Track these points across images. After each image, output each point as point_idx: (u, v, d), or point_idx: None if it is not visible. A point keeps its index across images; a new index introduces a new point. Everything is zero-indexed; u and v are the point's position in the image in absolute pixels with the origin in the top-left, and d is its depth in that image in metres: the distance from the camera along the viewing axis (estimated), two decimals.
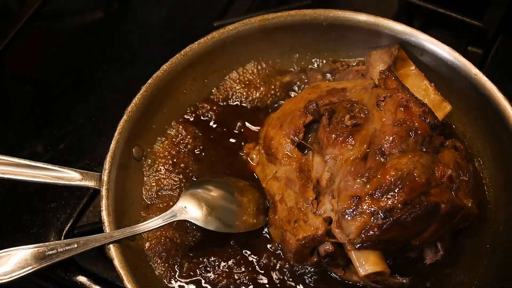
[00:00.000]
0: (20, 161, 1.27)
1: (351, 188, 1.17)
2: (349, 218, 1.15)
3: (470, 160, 1.38)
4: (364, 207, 1.14)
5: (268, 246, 1.33)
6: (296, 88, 1.55)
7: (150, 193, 1.41)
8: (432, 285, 1.29)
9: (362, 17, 1.47)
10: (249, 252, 1.33)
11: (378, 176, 1.15)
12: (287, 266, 1.31)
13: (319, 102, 1.33)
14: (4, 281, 1.13)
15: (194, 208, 1.29)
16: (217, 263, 1.32)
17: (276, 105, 1.52)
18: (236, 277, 1.30)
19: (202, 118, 1.51)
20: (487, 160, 1.42)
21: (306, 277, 1.30)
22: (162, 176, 1.43)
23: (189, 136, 1.49)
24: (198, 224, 1.28)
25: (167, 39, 1.82)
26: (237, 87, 1.55)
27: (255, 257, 1.32)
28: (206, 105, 1.52)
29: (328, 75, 1.56)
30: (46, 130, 1.67)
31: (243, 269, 1.31)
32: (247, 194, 1.35)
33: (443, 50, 1.42)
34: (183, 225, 1.36)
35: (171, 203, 1.38)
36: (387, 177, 1.14)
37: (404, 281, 1.24)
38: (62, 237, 1.46)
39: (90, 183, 1.29)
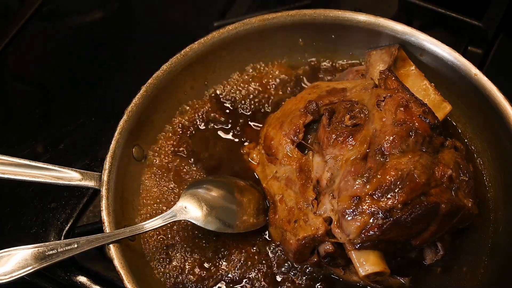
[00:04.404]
0: (20, 161, 1.27)
1: (351, 188, 1.17)
2: (349, 218, 1.15)
3: (470, 160, 1.38)
4: (364, 207, 1.14)
5: (268, 246, 1.34)
6: (297, 88, 1.55)
7: (150, 193, 1.41)
8: (431, 285, 1.29)
9: (362, 17, 1.47)
10: (249, 252, 1.33)
11: (378, 176, 1.15)
12: (287, 265, 1.31)
13: (319, 102, 1.33)
14: (4, 281, 1.13)
15: (194, 208, 1.29)
16: (217, 263, 1.32)
17: (276, 105, 1.52)
18: (236, 277, 1.30)
19: (202, 118, 1.51)
20: (487, 160, 1.42)
21: (306, 276, 1.30)
22: (162, 176, 1.43)
23: (189, 136, 1.49)
24: (198, 224, 1.28)
25: (167, 39, 1.82)
26: (237, 87, 1.55)
27: (255, 257, 1.32)
28: (206, 105, 1.52)
29: (328, 75, 1.57)
30: (46, 130, 1.66)
31: (243, 269, 1.31)
32: (247, 194, 1.35)
33: (443, 50, 1.42)
34: (183, 225, 1.36)
35: (171, 203, 1.38)
36: (387, 177, 1.14)
37: (404, 281, 1.24)
38: (62, 237, 1.46)
39: (90, 183, 1.29)
